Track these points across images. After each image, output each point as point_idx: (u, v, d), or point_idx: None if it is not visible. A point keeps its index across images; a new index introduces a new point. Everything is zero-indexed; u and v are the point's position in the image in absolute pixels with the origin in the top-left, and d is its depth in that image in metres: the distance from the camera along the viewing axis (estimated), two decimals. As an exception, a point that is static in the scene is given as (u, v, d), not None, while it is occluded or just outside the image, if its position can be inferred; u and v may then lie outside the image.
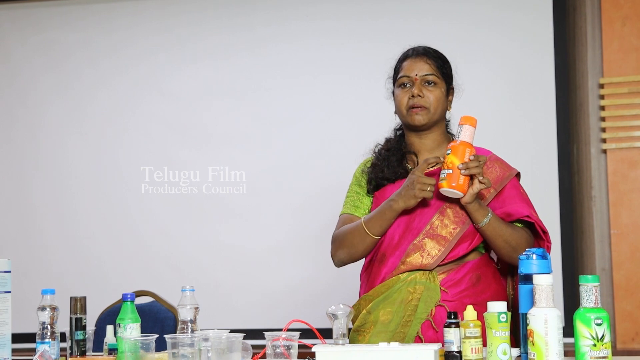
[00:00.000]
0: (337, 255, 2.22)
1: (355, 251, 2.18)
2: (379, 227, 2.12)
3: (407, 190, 2.06)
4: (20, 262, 3.61)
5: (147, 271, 4.03)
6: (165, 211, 4.08)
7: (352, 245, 2.17)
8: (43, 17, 4.32)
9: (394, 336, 2.07)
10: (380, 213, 2.12)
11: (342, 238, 2.20)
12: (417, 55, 2.22)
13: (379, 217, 2.12)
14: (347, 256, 2.20)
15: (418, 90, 2.16)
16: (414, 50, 2.24)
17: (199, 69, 4.16)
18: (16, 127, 4.29)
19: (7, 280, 1.95)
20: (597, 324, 1.56)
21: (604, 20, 3.79)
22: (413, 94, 2.16)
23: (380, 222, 2.12)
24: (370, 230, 2.13)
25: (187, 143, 4.11)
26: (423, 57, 2.21)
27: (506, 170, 2.18)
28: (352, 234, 2.17)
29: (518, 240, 2.07)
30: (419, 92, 2.16)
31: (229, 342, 1.76)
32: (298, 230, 3.95)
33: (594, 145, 3.78)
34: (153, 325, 2.81)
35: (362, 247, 2.16)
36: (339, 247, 2.21)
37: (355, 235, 2.15)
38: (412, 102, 2.16)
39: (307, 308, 3.40)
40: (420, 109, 2.16)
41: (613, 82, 3.76)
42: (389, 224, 2.12)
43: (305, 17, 4.10)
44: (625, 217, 3.71)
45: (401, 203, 2.07)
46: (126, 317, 2.00)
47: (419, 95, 2.16)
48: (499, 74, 3.86)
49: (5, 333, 1.93)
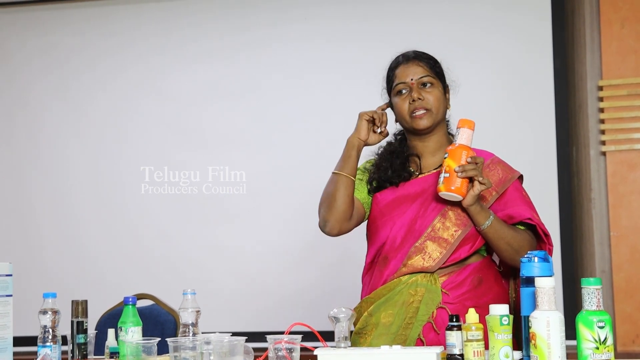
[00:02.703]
0: (320, 214, 2.18)
1: (334, 201, 2.14)
2: (347, 165, 2.17)
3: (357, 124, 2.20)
4: (22, 266, 3.59)
5: (147, 273, 4.03)
6: (165, 212, 4.08)
7: (330, 196, 2.15)
8: (43, 20, 4.33)
9: (396, 338, 2.07)
10: (344, 153, 2.18)
11: (321, 200, 2.19)
12: (408, 60, 2.21)
13: (344, 156, 2.18)
14: (328, 210, 2.15)
15: (417, 94, 2.15)
16: (403, 56, 2.23)
17: (198, 70, 4.16)
18: (16, 129, 4.29)
19: (9, 284, 1.96)
20: (600, 327, 1.56)
21: (603, 22, 3.80)
22: (413, 98, 2.15)
23: (346, 160, 2.17)
24: (338, 169, 2.17)
25: (187, 144, 4.11)
26: (414, 61, 2.20)
27: (508, 173, 2.18)
28: (327, 186, 2.18)
29: (520, 242, 2.07)
30: (419, 95, 2.15)
31: (231, 345, 1.76)
32: (299, 232, 3.94)
33: (593, 147, 3.78)
34: (154, 328, 2.81)
35: (338, 193, 2.14)
36: (320, 206, 2.19)
37: (330, 185, 2.17)
38: (414, 106, 2.15)
39: (309, 311, 3.41)
40: (423, 113, 2.15)
41: (612, 85, 3.76)
42: (355, 160, 2.18)
43: (304, 19, 4.11)
44: (625, 219, 3.72)
45: (355, 134, 2.18)
46: (128, 320, 2.00)
47: (419, 98, 2.15)
48: (497, 76, 3.86)
49: (6, 336, 1.93)
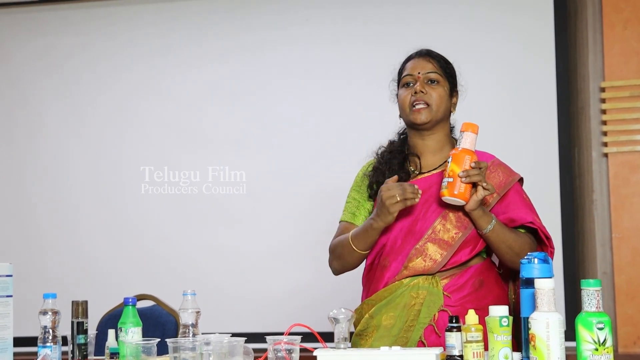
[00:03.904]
0: (332, 265, 2.27)
1: (347, 263, 2.22)
2: (364, 243, 2.14)
3: (380, 208, 2.05)
4: (22, 266, 3.60)
5: (147, 274, 4.03)
6: (165, 213, 4.08)
7: (343, 258, 2.20)
8: (43, 21, 4.33)
9: (397, 341, 2.07)
10: (364, 230, 2.12)
11: (334, 250, 2.24)
12: (420, 55, 2.25)
13: (363, 234, 2.13)
14: (341, 267, 2.24)
15: (421, 87, 2.16)
16: (417, 52, 2.27)
17: (198, 71, 4.16)
18: (16, 130, 4.29)
19: (9, 284, 1.96)
20: (599, 328, 1.56)
21: (605, 23, 3.79)
22: (416, 91, 2.16)
23: (365, 239, 2.13)
24: (357, 246, 2.15)
25: (187, 144, 4.11)
26: (426, 57, 2.23)
27: (509, 176, 2.17)
28: (342, 247, 2.19)
29: (521, 246, 2.07)
30: (422, 88, 2.16)
31: (231, 346, 1.76)
32: (299, 233, 3.94)
33: (595, 148, 3.77)
34: (154, 329, 2.81)
35: (351, 260, 2.20)
36: (333, 258, 2.25)
37: (345, 249, 2.18)
38: (415, 98, 2.16)
39: (309, 312, 3.40)
40: (423, 107, 2.16)
41: (614, 86, 3.76)
42: (374, 240, 2.14)
43: (306, 21, 4.11)
44: (627, 220, 3.71)
45: (380, 222, 2.07)
46: (128, 321, 2.00)
47: (422, 91, 2.16)
48: (500, 78, 3.86)
49: (7, 337, 1.93)
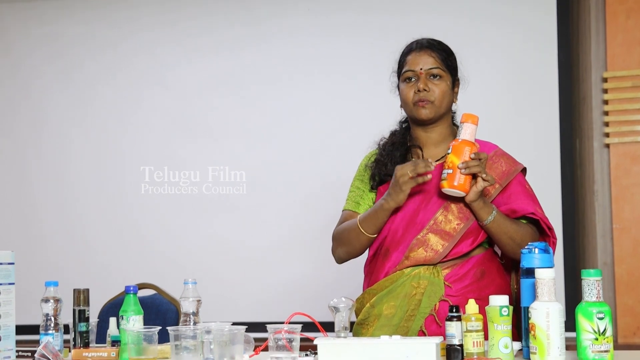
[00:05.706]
0: (337, 252, 2.26)
1: (353, 249, 2.21)
2: (373, 226, 2.14)
3: (393, 187, 2.06)
4: (24, 255, 3.62)
5: (149, 264, 4.03)
6: (166, 208, 4.07)
7: (350, 243, 2.20)
8: (45, 10, 4.31)
9: (398, 330, 2.07)
10: (374, 212, 2.13)
11: (340, 236, 2.23)
12: (422, 48, 2.20)
13: (373, 216, 2.13)
14: (346, 254, 2.23)
15: (423, 85, 2.15)
16: (417, 43, 2.22)
17: (200, 64, 4.14)
18: (18, 121, 4.28)
19: (11, 272, 1.96)
20: (599, 318, 1.56)
21: (608, 13, 3.78)
22: (419, 89, 2.15)
23: (374, 222, 2.13)
24: (365, 229, 2.14)
25: (188, 139, 4.09)
26: (427, 51, 2.19)
27: (512, 166, 2.17)
28: (348, 232, 2.19)
29: (523, 237, 2.06)
30: (425, 86, 2.15)
31: (232, 335, 1.77)
32: (300, 226, 3.94)
33: (597, 139, 3.77)
34: (155, 317, 2.82)
35: (358, 245, 2.19)
36: (338, 245, 2.24)
37: (352, 233, 2.17)
38: (418, 96, 2.15)
39: (310, 302, 3.39)
40: (426, 103, 2.15)
41: (617, 76, 3.75)
42: (383, 222, 2.13)
43: (307, 12, 4.09)
44: (628, 211, 3.71)
45: (391, 202, 2.08)
46: (129, 309, 2.01)
47: (425, 89, 2.14)
48: (501, 68, 3.85)
49: (9, 324, 1.94)
